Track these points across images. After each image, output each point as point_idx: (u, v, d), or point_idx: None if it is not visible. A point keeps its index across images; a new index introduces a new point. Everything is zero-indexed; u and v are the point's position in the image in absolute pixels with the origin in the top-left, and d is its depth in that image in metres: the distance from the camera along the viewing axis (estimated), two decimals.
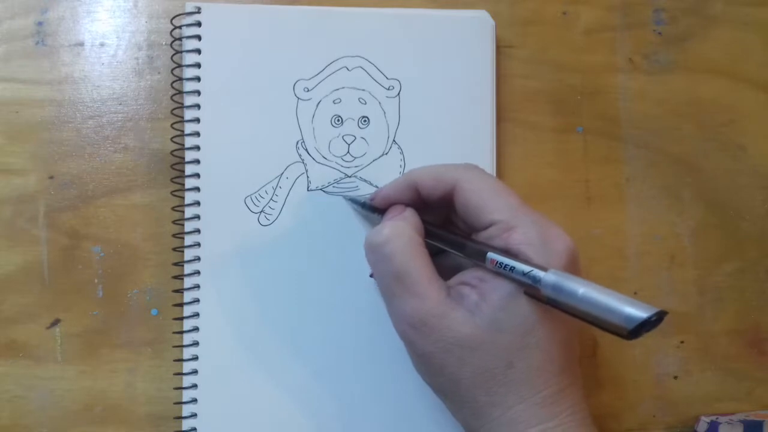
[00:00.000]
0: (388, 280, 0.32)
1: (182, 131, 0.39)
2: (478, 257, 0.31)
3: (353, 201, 0.39)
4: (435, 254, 0.34)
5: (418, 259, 0.32)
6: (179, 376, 0.38)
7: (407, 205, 0.35)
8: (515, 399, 0.30)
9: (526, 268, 0.29)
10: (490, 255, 0.30)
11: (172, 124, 0.39)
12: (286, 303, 0.39)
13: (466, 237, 0.33)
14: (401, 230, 0.33)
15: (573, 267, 0.30)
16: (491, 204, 0.32)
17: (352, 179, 0.39)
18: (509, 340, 0.30)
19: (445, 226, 0.36)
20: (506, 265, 0.30)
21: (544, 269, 0.29)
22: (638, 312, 0.26)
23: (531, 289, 0.29)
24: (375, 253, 0.33)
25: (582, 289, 0.27)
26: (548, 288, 0.28)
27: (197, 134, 0.38)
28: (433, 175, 0.34)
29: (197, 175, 0.38)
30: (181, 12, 0.39)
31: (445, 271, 0.33)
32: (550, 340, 0.30)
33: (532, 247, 0.30)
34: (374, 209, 0.37)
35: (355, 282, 0.39)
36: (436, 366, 0.31)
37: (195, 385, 0.38)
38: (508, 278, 0.30)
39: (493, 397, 0.30)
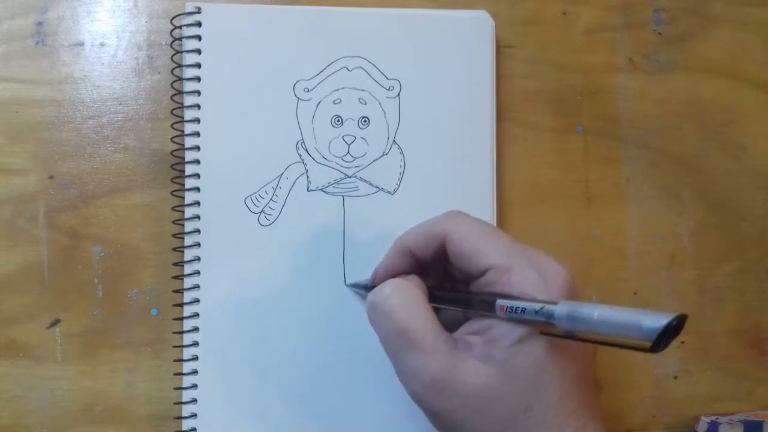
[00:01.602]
0: (393, 338, 0.31)
1: (182, 131, 0.39)
2: (486, 308, 0.31)
3: (356, 286, 0.38)
4: (436, 312, 0.33)
5: (422, 313, 0.31)
6: (179, 376, 0.38)
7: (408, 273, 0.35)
8: None
9: (536, 306, 0.28)
10: (500, 302, 0.30)
11: (172, 124, 0.39)
12: (286, 303, 0.39)
13: (469, 292, 0.33)
14: (402, 286, 0.32)
15: (574, 294, 0.30)
16: (483, 248, 0.31)
17: (352, 179, 0.39)
18: (524, 382, 0.29)
19: (445, 283, 0.35)
20: (516, 307, 0.29)
21: (554, 303, 0.28)
22: (656, 321, 0.25)
23: (545, 327, 0.29)
24: (377, 311, 0.32)
25: (596, 312, 0.27)
26: (563, 320, 0.28)
27: (197, 134, 0.38)
28: (421, 235, 0.34)
29: (197, 175, 0.38)
30: (181, 12, 0.39)
31: (446, 326, 0.32)
32: (564, 377, 0.30)
33: (533, 285, 0.30)
34: None
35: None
36: (457, 423, 0.30)
37: (195, 385, 0.38)
38: (520, 321, 0.29)
39: None
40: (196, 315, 0.38)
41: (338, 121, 0.39)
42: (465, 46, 0.40)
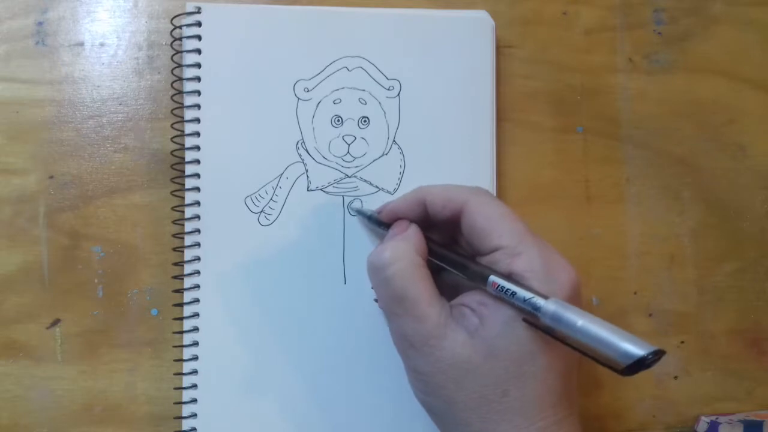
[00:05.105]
0: (389, 302, 0.32)
1: (182, 131, 0.39)
2: (479, 280, 0.31)
3: (360, 213, 0.39)
4: (438, 271, 0.33)
5: (419, 281, 0.32)
6: (179, 376, 0.38)
7: (413, 220, 0.35)
8: (509, 427, 0.30)
9: (527, 294, 0.29)
10: (492, 278, 0.30)
11: (172, 124, 0.39)
12: (286, 303, 0.39)
13: (469, 258, 0.33)
14: (402, 252, 0.32)
15: (575, 298, 0.30)
16: (498, 229, 0.32)
17: (352, 179, 0.39)
18: (505, 366, 0.30)
19: (450, 246, 0.35)
20: (507, 289, 0.29)
21: (546, 297, 0.29)
22: (636, 349, 0.26)
23: (530, 317, 0.29)
24: (376, 276, 0.33)
25: (581, 320, 0.27)
26: (547, 317, 0.28)
27: (197, 134, 0.38)
28: (442, 195, 0.34)
29: (197, 175, 0.38)
30: (181, 12, 0.39)
31: (448, 289, 0.33)
32: (548, 370, 0.30)
33: (536, 275, 0.30)
34: (380, 223, 0.37)
35: (354, 282, 0.39)
36: (433, 386, 0.31)
37: (195, 385, 0.38)
38: (508, 303, 0.30)
39: (487, 423, 0.30)
40: (196, 315, 0.38)
41: (338, 121, 0.39)
42: (465, 46, 0.40)
